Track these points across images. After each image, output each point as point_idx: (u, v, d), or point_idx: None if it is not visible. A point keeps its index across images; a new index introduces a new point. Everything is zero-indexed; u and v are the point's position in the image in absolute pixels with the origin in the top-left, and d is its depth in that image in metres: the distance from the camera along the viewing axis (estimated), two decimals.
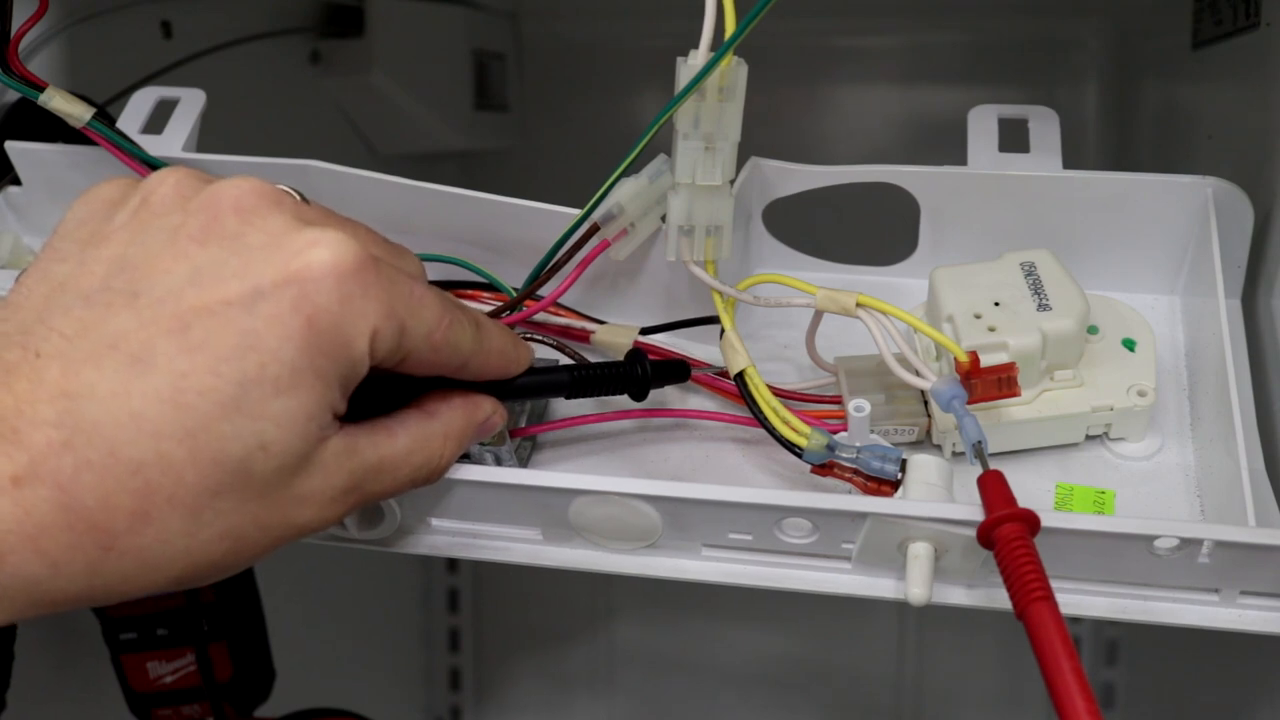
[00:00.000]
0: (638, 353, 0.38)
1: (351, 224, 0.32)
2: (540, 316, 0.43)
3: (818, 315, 0.39)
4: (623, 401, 0.39)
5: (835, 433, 0.36)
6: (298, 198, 0.32)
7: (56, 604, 0.27)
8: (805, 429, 0.36)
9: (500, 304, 0.41)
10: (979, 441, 0.33)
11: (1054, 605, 0.28)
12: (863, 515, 0.33)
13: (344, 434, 0.30)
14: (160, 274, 0.28)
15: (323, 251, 0.28)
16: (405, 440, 0.32)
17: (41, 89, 0.43)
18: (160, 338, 0.27)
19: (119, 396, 0.27)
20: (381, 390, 0.31)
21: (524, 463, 0.40)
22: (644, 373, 0.38)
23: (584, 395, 0.38)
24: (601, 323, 0.43)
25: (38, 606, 0.27)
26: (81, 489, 0.26)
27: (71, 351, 0.27)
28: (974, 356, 0.35)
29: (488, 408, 0.35)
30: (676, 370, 0.39)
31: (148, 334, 0.27)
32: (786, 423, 0.36)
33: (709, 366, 0.41)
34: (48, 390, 0.27)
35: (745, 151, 0.39)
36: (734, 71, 0.34)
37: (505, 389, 0.35)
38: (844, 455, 0.35)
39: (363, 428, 0.31)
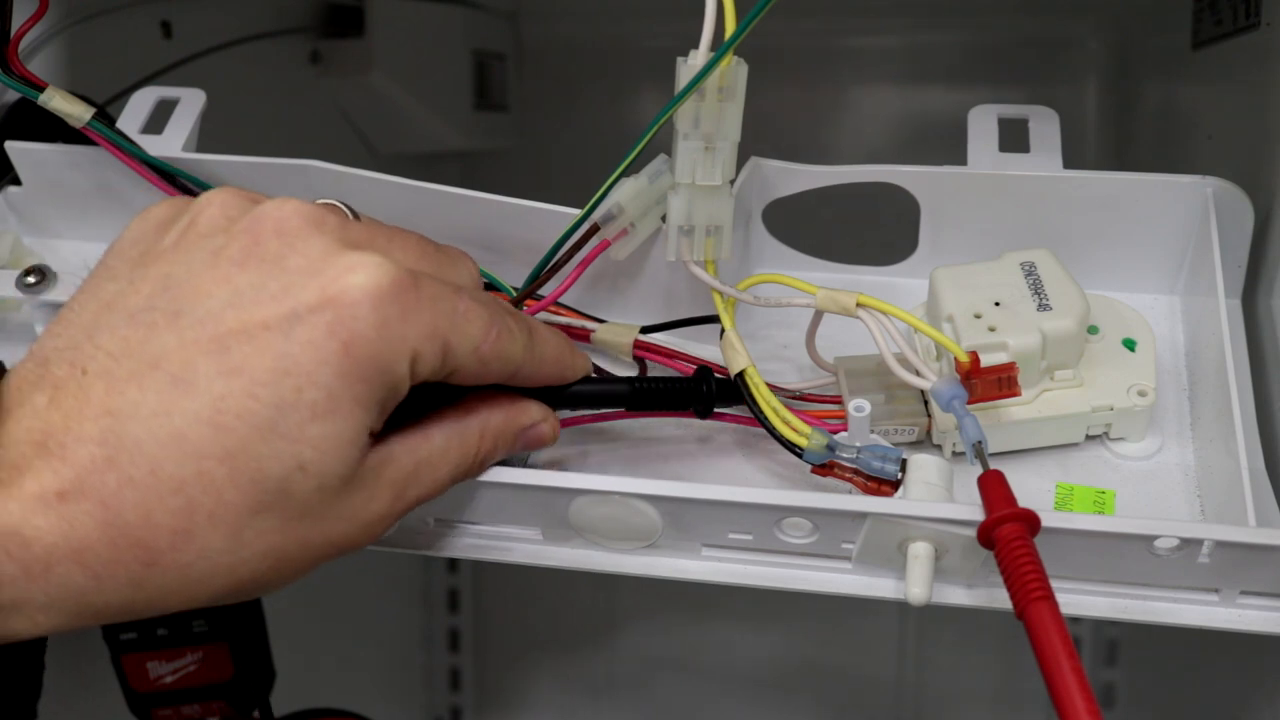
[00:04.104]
0: (706, 370, 0.38)
1: (401, 237, 0.33)
2: (540, 316, 0.43)
3: (818, 315, 0.39)
4: None
5: (835, 433, 0.36)
6: (346, 212, 0.32)
7: (101, 615, 0.28)
8: (805, 429, 0.36)
9: None
10: (979, 441, 0.33)
11: (1054, 605, 0.28)
12: (863, 515, 0.33)
13: (381, 446, 0.31)
14: (202, 295, 0.29)
15: (359, 276, 0.28)
16: (440, 439, 0.32)
17: (41, 89, 0.43)
18: (200, 358, 0.28)
19: (160, 416, 0.27)
20: (424, 394, 0.31)
21: (524, 463, 0.40)
22: (709, 391, 0.37)
23: (645, 409, 0.38)
24: (602, 322, 0.43)
25: (84, 617, 0.28)
26: (124, 506, 0.27)
27: (116, 369, 0.28)
28: (974, 356, 0.35)
29: (535, 413, 0.35)
30: (728, 389, 0.38)
31: (188, 354, 0.28)
32: (786, 423, 0.36)
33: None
34: (93, 408, 0.27)
35: (746, 151, 0.39)
36: (734, 71, 0.34)
37: (560, 397, 0.35)
38: (844, 455, 0.35)
39: (398, 434, 0.31)
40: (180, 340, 0.28)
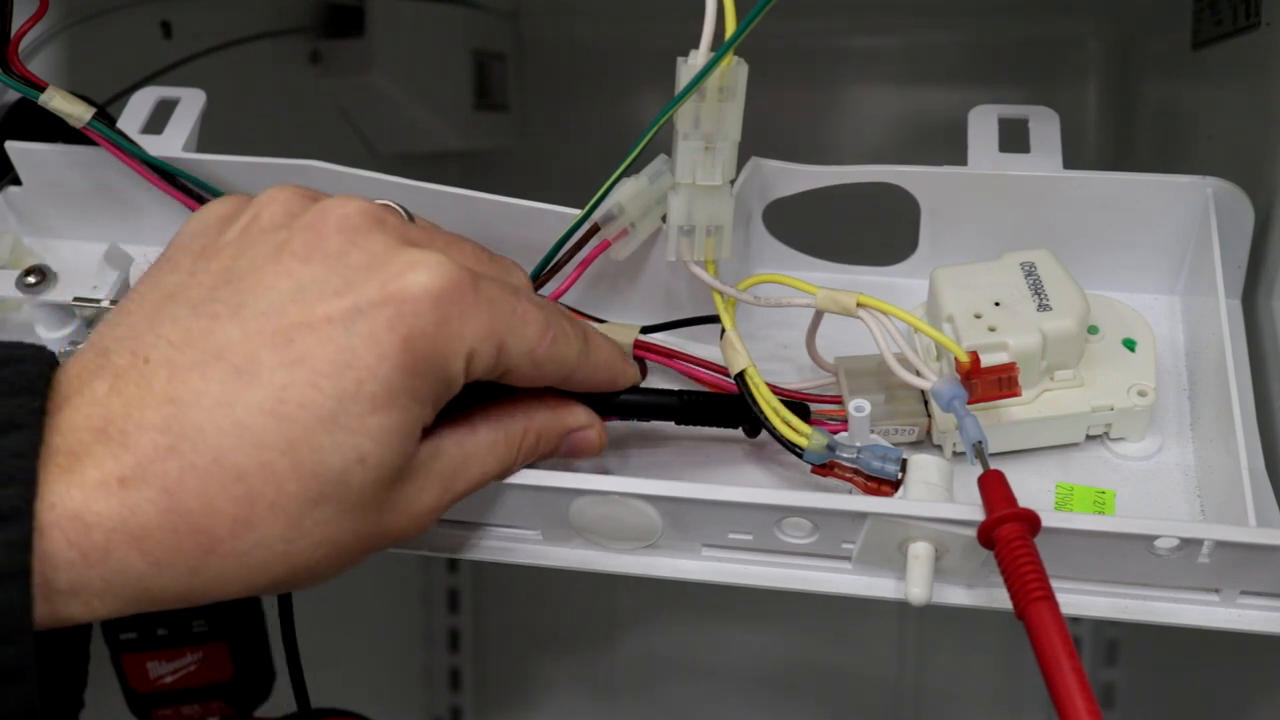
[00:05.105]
0: None
1: (457, 241, 0.33)
2: None
3: (818, 315, 0.39)
4: None
5: (835, 433, 0.36)
6: (403, 214, 0.33)
7: (156, 602, 0.28)
8: (805, 429, 0.36)
9: None
10: (979, 441, 0.33)
11: (1054, 605, 0.28)
12: (863, 515, 0.33)
13: (430, 439, 0.31)
14: (264, 289, 0.29)
15: (421, 274, 0.29)
16: (486, 433, 0.33)
17: (42, 89, 0.43)
18: (263, 350, 0.28)
19: (223, 406, 0.28)
20: (471, 390, 0.32)
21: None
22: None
23: (694, 423, 0.38)
24: (602, 322, 0.43)
25: (139, 604, 0.28)
26: (186, 493, 0.27)
27: (178, 359, 0.28)
28: (974, 356, 0.35)
29: (582, 417, 0.35)
30: (796, 412, 0.37)
31: (252, 346, 0.28)
32: (787, 423, 0.36)
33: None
34: (155, 396, 0.28)
35: (746, 151, 0.39)
36: (734, 71, 0.34)
37: (610, 405, 0.36)
38: (844, 455, 0.35)
39: (446, 427, 0.32)
40: (244, 332, 0.28)
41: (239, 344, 0.28)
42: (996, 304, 0.37)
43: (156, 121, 0.47)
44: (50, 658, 0.36)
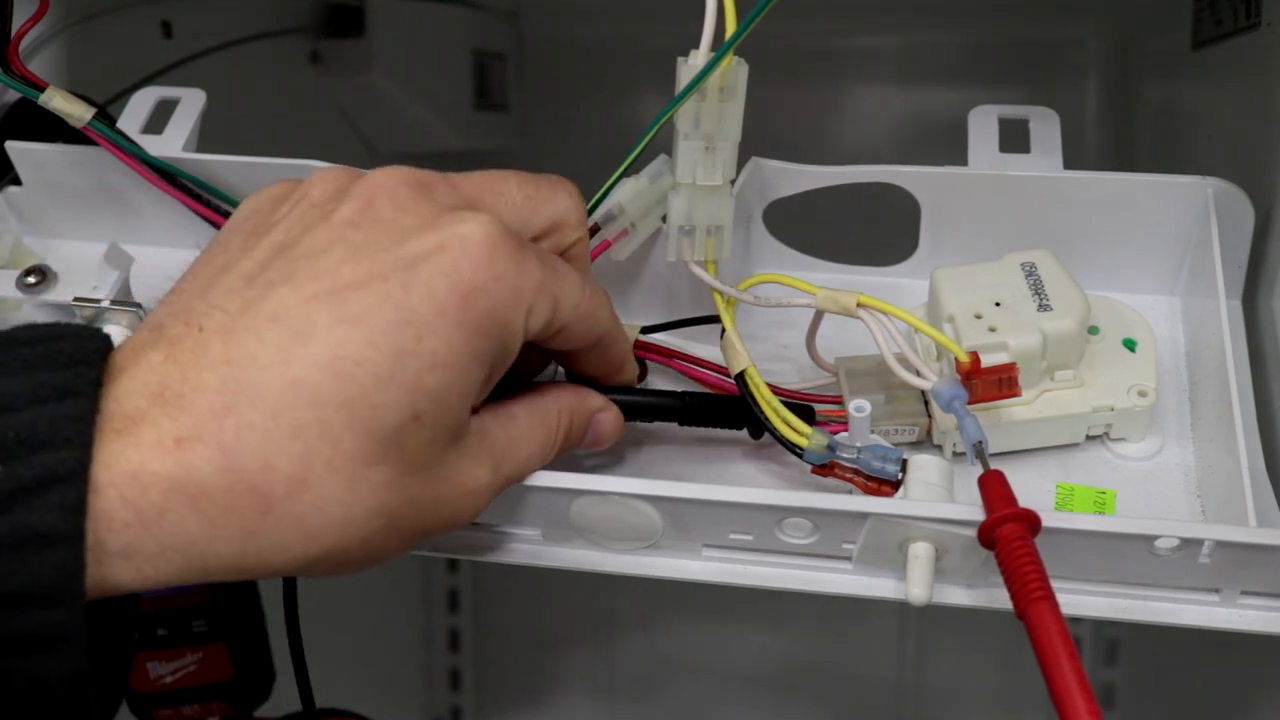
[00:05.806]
0: None
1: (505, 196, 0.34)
2: None
3: (818, 315, 0.39)
4: None
5: (836, 433, 0.36)
6: (450, 179, 0.33)
7: (211, 570, 0.28)
8: (805, 429, 0.36)
9: None
10: (979, 441, 0.33)
11: (1054, 605, 0.28)
12: (863, 515, 0.33)
13: (476, 418, 0.31)
14: (317, 254, 0.29)
15: (472, 228, 0.29)
16: (525, 418, 0.33)
17: (42, 89, 0.43)
18: (319, 310, 0.28)
19: (279, 364, 0.28)
20: (503, 384, 0.32)
21: None
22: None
23: (698, 424, 0.38)
24: None
25: (192, 572, 0.28)
26: (242, 451, 0.27)
27: (233, 324, 0.28)
28: (975, 357, 0.35)
29: (600, 399, 0.36)
30: (800, 414, 0.37)
31: (307, 308, 0.28)
32: (787, 423, 0.36)
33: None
34: (211, 359, 0.28)
35: (746, 151, 0.39)
36: (734, 71, 0.35)
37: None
38: (845, 455, 0.35)
39: (486, 410, 0.32)
40: (298, 295, 0.28)
41: (295, 306, 0.28)
42: (997, 304, 0.37)
43: (156, 121, 0.47)
44: (101, 630, 0.36)
